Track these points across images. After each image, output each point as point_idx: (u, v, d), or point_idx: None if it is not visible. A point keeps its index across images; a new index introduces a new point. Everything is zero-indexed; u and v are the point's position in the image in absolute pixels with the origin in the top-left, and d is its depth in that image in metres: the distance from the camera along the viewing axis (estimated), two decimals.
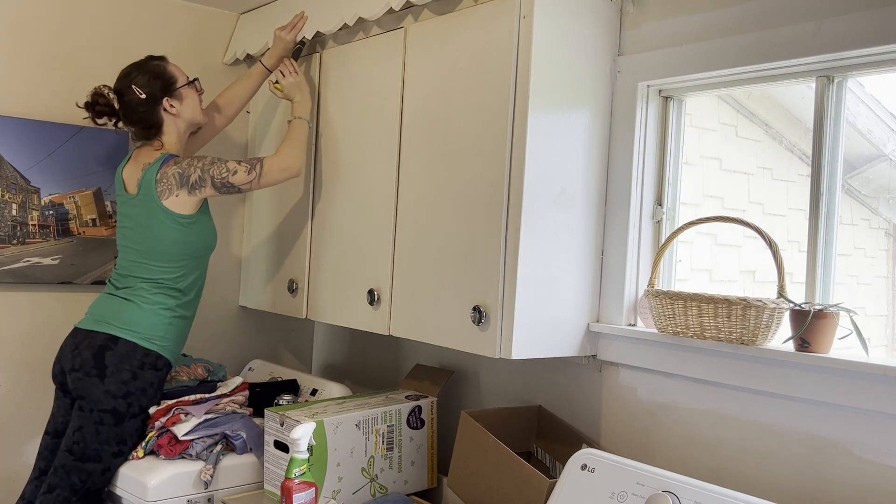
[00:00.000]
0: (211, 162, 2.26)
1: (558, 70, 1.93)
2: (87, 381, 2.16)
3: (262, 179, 2.29)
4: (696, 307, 1.80)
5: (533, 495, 1.83)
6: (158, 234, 2.25)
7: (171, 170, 2.24)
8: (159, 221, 2.24)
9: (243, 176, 2.27)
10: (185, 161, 2.27)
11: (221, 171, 2.25)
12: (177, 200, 2.24)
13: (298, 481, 1.91)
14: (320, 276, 2.51)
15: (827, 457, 1.66)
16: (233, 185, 2.27)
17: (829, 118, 1.75)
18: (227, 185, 2.27)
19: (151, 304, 2.25)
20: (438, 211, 2.09)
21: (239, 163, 2.28)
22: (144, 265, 2.26)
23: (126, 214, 2.32)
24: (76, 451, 2.15)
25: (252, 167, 2.28)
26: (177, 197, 2.24)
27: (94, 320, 2.25)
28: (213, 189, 2.27)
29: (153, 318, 2.24)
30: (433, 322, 2.08)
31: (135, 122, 2.33)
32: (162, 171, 2.24)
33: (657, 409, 1.98)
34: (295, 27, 2.51)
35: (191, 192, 2.25)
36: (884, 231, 2.68)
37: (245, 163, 2.29)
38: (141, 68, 2.32)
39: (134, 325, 2.21)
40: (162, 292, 2.26)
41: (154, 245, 2.25)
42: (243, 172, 2.27)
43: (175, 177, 2.23)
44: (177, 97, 2.34)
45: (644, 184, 2.05)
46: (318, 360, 3.19)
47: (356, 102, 2.40)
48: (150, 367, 2.22)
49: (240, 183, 2.28)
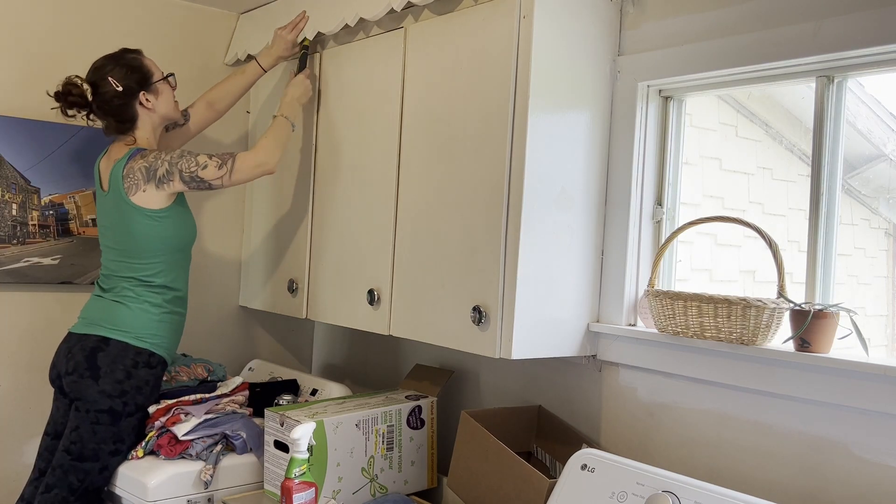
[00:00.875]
0: (180, 155, 2.18)
1: (558, 70, 1.93)
2: (82, 382, 2.16)
3: (233, 175, 2.20)
4: (696, 307, 1.80)
5: (533, 495, 1.83)
6: (131, 231, 2.20)
7: (137, 164, 2.18)
8: (130, 218, 2.19)
9: (213, 171, 2.18)
10: (153, 154, 2.19)
11: (190, 164, 2.17)
12: (145, 196, 2.18)
13: (298, 481, 1.91)
14: (320, 276, 2.51)
15: (827, 457, 1.66)
16: (202, 179, 2.18)
17: (829, 118, 1.75)
18: (196, 180, 2.18)
19: (139, 302, 2.23)
20: (438, 211, 2.09)
21: (210, 157, 2.19)
22: (125, 263, 2.23)
23: (103, 213, 2.28)
24: (73, 450, 2.15)
25: (223, 162, 2.19)
26: (144, 192, 2.18)
27: (86, 324, 2.24)
28: (181, 183, 2.18)
29: (142, 316, 2.22)
30: (433, 322, 2.08)
31: (108, 114, 2.26)
32: (128, 166, 2.18)
33: (657, 409, 1.98)
34: (296, 27, 2.50)
35: (158, 186, 2.18)
36: (884, 231, 2.68)
37: (216, 157, 2.20)
38: (117, 60, 2.25)
39: (123, 325, 2.20)
40: (147, 289, 2.24)
41: (129, 242, 2.21)
42: (213, 167, 2.18)
43: (142, 171, 2.17)
44: (153, 91, 2.28)
45: (644, 184, 2.05)
46: (318, 360, 3.19)
47: (356, 102, 2.39)
48: (143, 365, 2.21)
49: (210, 178, 2.19)
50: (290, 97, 2.41)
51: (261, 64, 2.56)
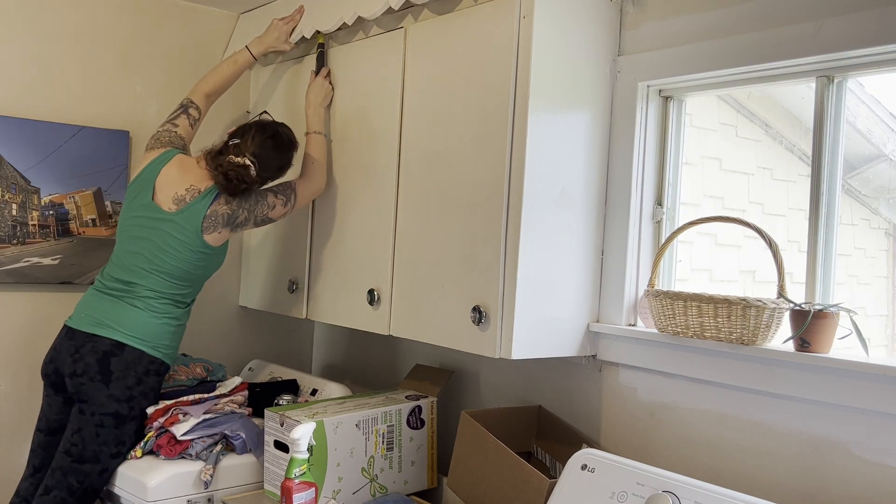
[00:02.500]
0: (255, 202, 2.30)
1: (558, 70, 1.93)
2: (91, 385, 2.15)
3: (294, 207, 2.38)
4: (696, 307, 1.80)
5: (533, 495, 1.83)
6: (183, 258, 2.23)
7: (221, 209, 2.24)
8: (189, 249, 2.23)
9: (280, 210, 2.34)
10: (235, 202, 2.26)
11: (263, 209, 2.31)
12: (218, 237, 2.27)
13: (298, 481, 1.91)
14: (320, 276, 2.51)
15: (827, 457, 1.66)
16: (271, 219, 2.35)
17: (829, 118, 1.75)
18: (266, 221, 2.35)
19: (161, 313, 2.24)
20: (438, 211, 2.09)
21: (276, 195, 2.33)
22: (155, 278, 2.23)
23: (148, 226, 2.24)
24: (74, 452, 2.15)
25: (287, 199, 2.35)
26: (219, 234, 2.27)
27: (93, 323, 2.21)
28: (254, 226, 2.34)
29: (162, 327, 2.24)
30: (433, 322, 2.08)
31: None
32: (212, 209, 2.23)
33: (657, 409, 1.97)
34: (293, 19, 2.50)
35: (233, 230, 2.29)
36: (884, 231, 2.68)
37: (281, 195, 2.34)
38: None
39: (142, 333, 2.20)
40: (170, 303, 2.26)
41: (174, 265, 2.23)
42: (280, 206, 2.34)
43: (224, 216, 2.25)
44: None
45: (644, 184, 2.05)
46: (318, 360, 3.19)
47: (356, 102, 2.39)
48: (154, 373, 2.23)
49: (277, 216, 2.36)
50: (313, 107, 2.45)
51: (251, 51, 2.55)
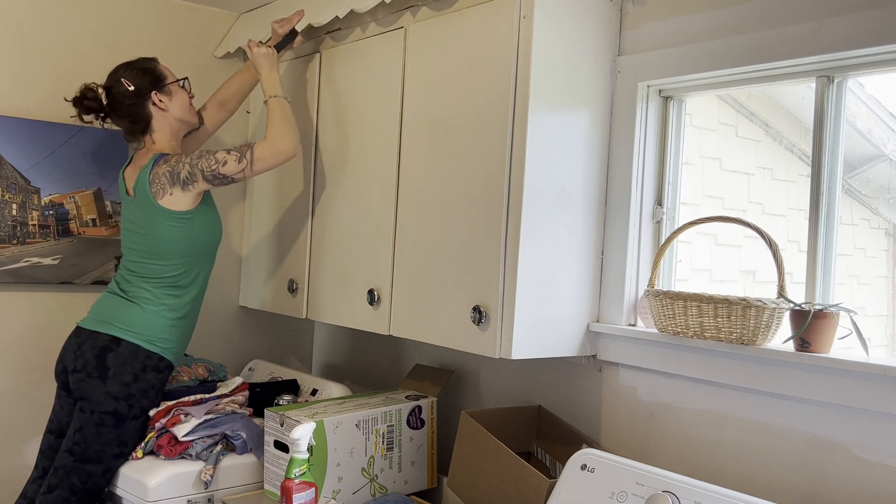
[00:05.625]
0: (199, 156, 2.23)
1: (558, 70, 1.93)
2: (89, 382, 2.16)
3: (254, 166, 2.23)
4: (695, 307, 1.80)
5: (533, 495, 1.83)
6: (159, 234, 2.25)
7: (161, 169, 2.24)
8: (159, 222, 2.24)
9: (234, 165, 2.22)
10: (174, 158, 2.25)
11: (210, 163, 2.21)
12: (172, 199, 2.23)
13: (298, 481, 1.91)
14: (320, 276, 2.51)
15: (827, 457, 1.66)
16: (225, 175, 2.23)
17: (829, 118, 1.75)
18: (219, 177, 2.23)
19: (155, 305, 2.25)
20: (438, 211, 2.09)
21: (228, 152, 2.23)
22: (146, 265, 2.26)
23: (128, 217, 2.33)
24: (76, 451, 2.15)
25: (242, 155, 2.23)
26: (171, 195, 2.23)
27: (97, 320, 2.25)
28: (205, 182, 2.23)
29: (156, 320, 2.24)
30: (433, 322, 2.08)
31: (122, 115, 2.32)
32: (153, 172, 2.24)
33: (657, 409, 1.98)
34: (290, 22, 2.51)
35: (184, 188, 2.23)
36: (884, 231, 2.68)
37: (234, 151, 2.23)
38: (130, 65, 2.34)
39: (136, 326, 2.22)
40: (165, 292, 2.26)
41: (156, 245, 2.25)
42: (233, 162, 2.22)
43: (166, 175, 2.23)
44: (165, 93, 2.33)
45: (644, 184, 2.05)
46: (318, 360, 3.19)
47: (356, 102, 2.39)
48: (152, 369, 2.22)
49: (231, 173, 2.23)
50: (265, 75, 2.40)
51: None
